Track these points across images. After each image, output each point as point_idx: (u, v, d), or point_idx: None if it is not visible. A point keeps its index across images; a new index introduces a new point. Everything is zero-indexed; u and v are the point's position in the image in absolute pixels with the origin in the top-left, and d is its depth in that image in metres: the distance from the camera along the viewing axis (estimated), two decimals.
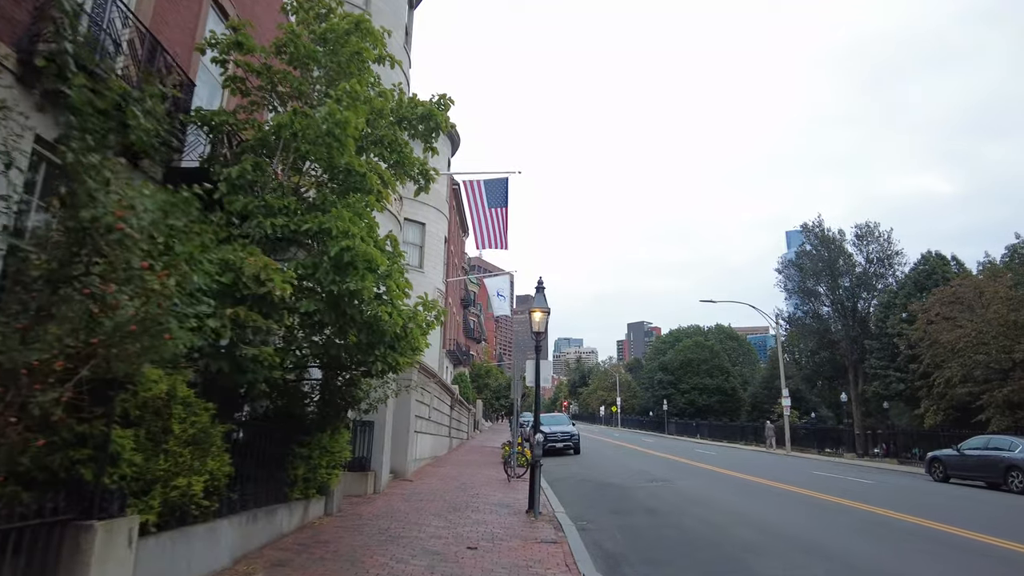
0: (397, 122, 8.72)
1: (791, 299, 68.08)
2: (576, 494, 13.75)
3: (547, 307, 11.05)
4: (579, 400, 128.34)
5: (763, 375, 73.33)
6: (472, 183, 20.65)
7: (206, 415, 5.55)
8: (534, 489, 10.17)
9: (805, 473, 20.49)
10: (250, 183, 7.05)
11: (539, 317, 11.04)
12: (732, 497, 13.58)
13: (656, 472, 19.01)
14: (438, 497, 11.67)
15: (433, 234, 31.13)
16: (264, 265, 5.43)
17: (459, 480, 14.90)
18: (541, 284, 11.35)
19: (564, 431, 26.95)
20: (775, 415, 52.58)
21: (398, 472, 14.27)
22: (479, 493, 12.59)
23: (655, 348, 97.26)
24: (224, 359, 5.80)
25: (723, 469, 20.62)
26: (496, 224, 20.63)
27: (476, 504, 11.02)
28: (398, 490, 12.40)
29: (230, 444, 6.41)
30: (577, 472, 19.00)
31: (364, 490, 11.33)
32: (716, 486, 15.72)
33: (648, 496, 13.44)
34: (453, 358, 41.43)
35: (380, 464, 11.88)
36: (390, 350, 7.03)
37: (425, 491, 12.49)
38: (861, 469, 24.22)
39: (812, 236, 64.62)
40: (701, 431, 55.47)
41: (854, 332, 59.95)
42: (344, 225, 6.57)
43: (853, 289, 61.38)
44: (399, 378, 15.00)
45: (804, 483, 16.69)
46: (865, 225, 62.04)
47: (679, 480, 16.63)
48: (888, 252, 60.61)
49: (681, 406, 68.49)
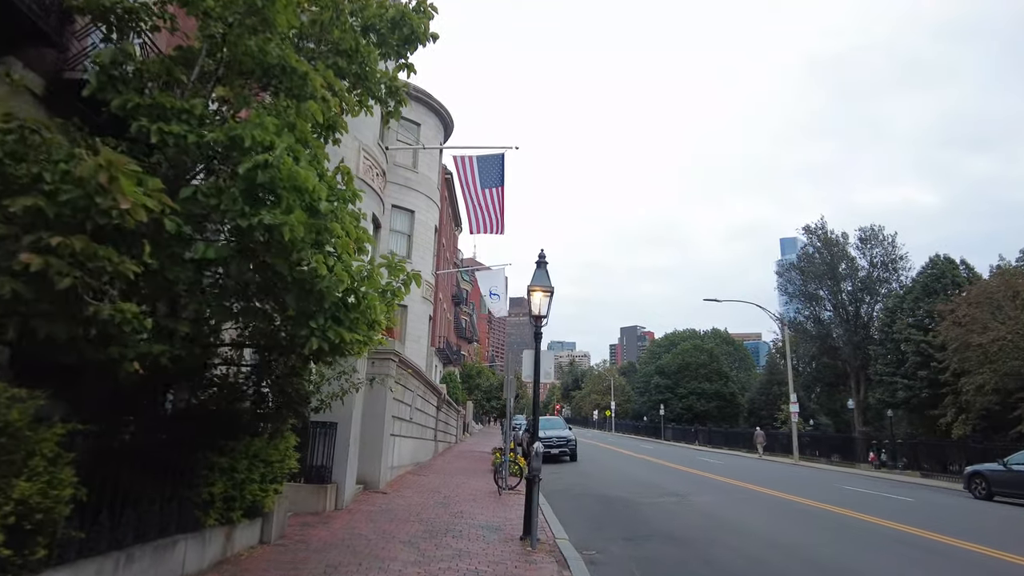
0: (362, 30, 6.65)
1: (791, 303, 66.38)
2: (578, 512, 11.68)
3: (549, 285, 8.98)
4: (572, 404, 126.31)
5: (761, 381, 71.53)
6: (464, 160, 18.59)
7: (16, 410, 3.47)
8: (531, 510, 8.10)
9: (831, 487, 18.47)
10: (138, 74, 4.96)
11: (539, 298, 8.97)
12: (764, 519, 11.52)
13: (665, 484, 16.96)
14: (413, 516, 9.56)
15: (422, 223, 29.04)
16: (107, 163, 3.34)
17: (442, 493, 12.80)
18: (543, 258, 9.29)
19: (560, 436, 24.88)
20: (778, 422, 50.68)
21: (369, 483, 12.16)
22: (464, 511, 10.50)
23: (650, 352, 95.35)
24: (58, 320, 3.70)
25: (737, 480, 18.59)
26: (491, 205, 18.57)
27: (459, 527, 8.93)
28: (366, 506, 10.29)
29: (90, 455, 4.34)
30: (576, 483, 16.93)
31: (321, 507, 9.22)
32: (739, 503, 13.67)
33: (663, 515, 11.38)
34: (443, 356, 39.27)
35: (344, 474, 9.77)
36: (332, 322, 4.95)
37: (399, 508, 10.39)
38: (889, 483, 22.09)
39: (814, 238, 62.95)
40: (700, 437, 53.46)
41: (857, 337, 58.28)
42: (264, 136, 4.49)
43: (856, 293, 59.76)
44: (374, 370, 12.94)
45: (837, 500, 14.65)
46: (869, 228, 60.40)
47: (693, 495, 14.57)
48: (892, 256, 59.01)
49: (678, 411, 66.47)
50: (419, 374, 16.06)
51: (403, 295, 6.09)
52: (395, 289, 5.98)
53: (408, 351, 27.06)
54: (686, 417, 65.33)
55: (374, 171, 17.32)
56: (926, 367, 42.72)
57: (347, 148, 16.21)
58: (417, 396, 17.20)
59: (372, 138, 17.45)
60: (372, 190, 17.14)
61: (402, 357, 13.71)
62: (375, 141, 17.67)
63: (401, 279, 6.02)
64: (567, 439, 24.81)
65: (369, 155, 17.02)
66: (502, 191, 18.43)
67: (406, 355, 14.54)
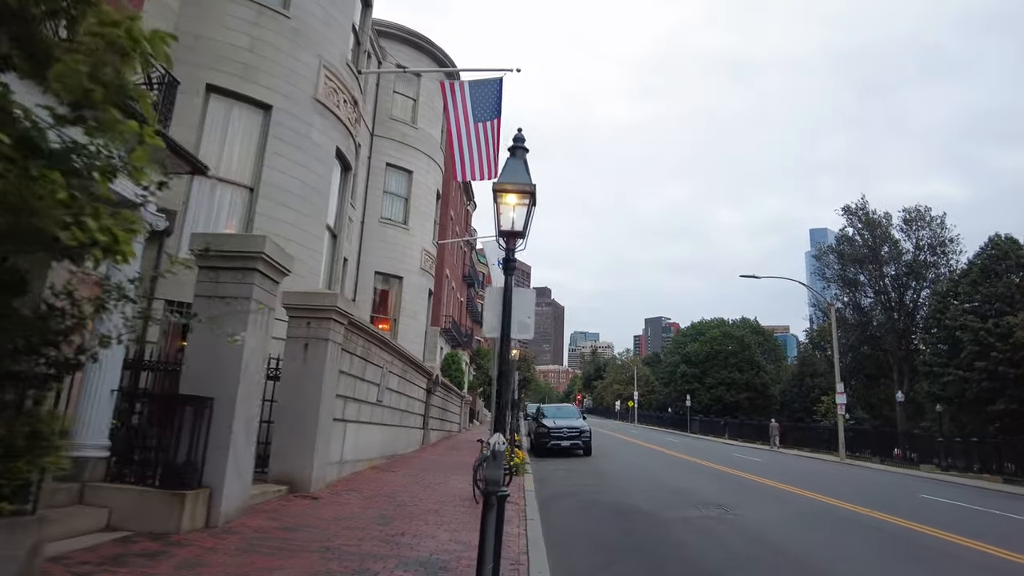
0: None
1: (828, 289, 61.79)
2: (581, 532, 8.31)
3: (527, 184, 5.55)
4: (594, 394, 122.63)
5: (792, 372, 67.20)
6: (453, 85, 15.14)
7: None
8: (486, 548, 4.67)
9: (911, 496, 14.76)
10: None
11: (512, 204, 5.55)
12: (864, 558, 7.94)
13: (699, 489, 13.46)
14: (317, 545, 6.26)
15: (422, 184, 25.77)
16: None
17: (398, 498, 9.49)
18: (519, 142, 5.85)
19: (572, 426, 21.48)
20: (817, 415, 46.62)
21: (296, 483, 8.91)
22: (409, 531, 7.18)
23: (675, 341, 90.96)
24: None
25: (788, 485, 14.98)
26: (485, 144, 15.09)
27: (387, 563, 5.60)
28: (262, 520, 7.02)
29: None
30: (585, 486, 13.54)
31: (174, 524, 5.94)
32: (809, 524, 10.07)
33: (702, 543, 7.93)
34: (450, 339, 36.06)
35: (222, 474, 6.49)
36: None
37: (313, 524, 7.09)
38: (977, 492, 17.91)
39: (855, 219, 58.26)
40: (730, 430, 49.56)
41: (901, 325, 53.84)
42: None
43: (900, 278, 55.16)
44: (309, 332, 9.67)
45: (933, 518, 10.96)
46: (915, 209, 55.52)
47: (739, 506, 11.04)
48: (941, 238, 54.17)
49: (706, 402, 62.47)
50: (386, 344, 12.75)
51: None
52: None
53: (401, 327, 23.81)
54: (714, 408, 61.36)
55: (339, 96, 14.00)
56: (985, 357, 38.38)
57: (301, 63, 12.92)
58: (390, 374, 13.92)
59: (339, 56, 14.13)
60: (337, 119, 13.83)
61: (354, 318, 10.41)
62: (343, 61, 14.35)
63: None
64: (580, 430, 21.40)
65: (333, 76, 13.71)
66: (498, 125, 14.95)
67: (358, 317, 11.24)
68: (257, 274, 6.97)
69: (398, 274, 24.03)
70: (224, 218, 11.56)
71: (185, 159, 7.32)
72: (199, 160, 7.57)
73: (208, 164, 11.54)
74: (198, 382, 6.66)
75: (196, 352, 6.82)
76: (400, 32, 25.76)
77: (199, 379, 6.67)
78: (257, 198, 11.72)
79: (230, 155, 11.79)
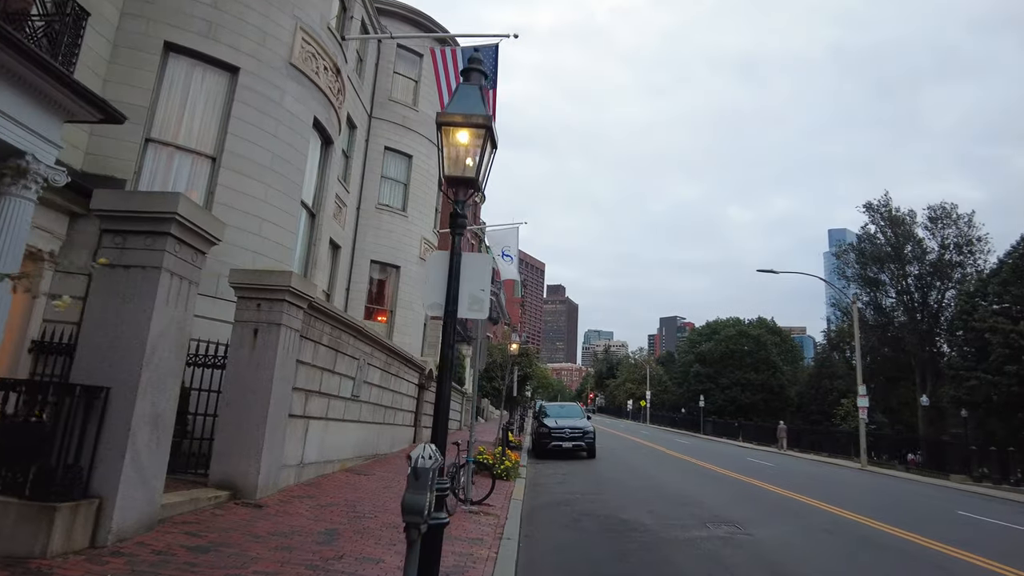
0: None
1: (848, 288, 59.76)
2: (563, 555, 7.03)
3: (484, 114, 4.24)
4: (606, 392, 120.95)
5: (810, 374, 65.20)
6: (444, 52, 13.87)
7: None
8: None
9: (951, 515, 13.27)
10: None
11: (465, 140, 4.25)
12: None
13: (708, 501, 12.09)
14: (230, 569, 5.03)
15: (423, 170, 24.49)
16: None
17: (359, 508, 8.26)
18: (476, 64, 4.55)
19: (575, 427, 20.19)
20: (836, 418, 44.82)
21: (241, 488, 7.71)
22: (352, 551, 5.94)
23: (690, 340, 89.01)
24: None
25: (809, 498, 13.53)
26: None
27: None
28: (174, 537, 5.81)
29: None
30: (581, 493, 12.25)
31: (42, 546, 4.73)
32: (835, 548, 8.69)
33: (708, 573, 6.60)
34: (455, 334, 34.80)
35: (118, 480, 5.29)
36: None
37: (235, 543, 5.87)
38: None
39: (877, 216, 56.18)
40: (745, 432, 47.89)
41: (924, 326, 51.81)
42: None
43: (924, 278, 53.11)
44: (260, 315, 8.46)
45: (995, 549, 9.47)
46: (940, 207, 53.32)
47: (754, 524, 9.67)
48: (968, 237, 51.98)
49: (720, 403, 60.72)
50: (362, 334, 11.52)
51: None
52: None
53: (398, 320, 22.58)
54: (728, 410, 59.63)
55: (318, 62, 12.78)
56: (1016, 360, 36.54)
57: (274, 23, 11.73)
58: (370, 367, 12.71)
59: (319, 19, 12.93)
60: (315, 86, 12.62)
61: (315, 301, 9.18)
62: (324, 24, 13.14)
63: None
64: (584, 430, 20.08)
65: (311, 39, 12.50)
66: (493, 96, 13.66)
67: (321, 300, 10.02)
68: (170, 239, 5.75)
69: (395, 263, 22.82)
70: (183, 190, 10.38)
71: (94, 105, 6.12)
72: (113, 107, 6.37)
73: (166, 132, 10.50)
74: (93, 368, 5.47)
75: (92, 332, 5.62)
76: (402, 11, 24.51)
77: (94, 365, 5.49)
78: (219, 168, 10.55)
79: (191, 121, 10.64)
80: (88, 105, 6.15)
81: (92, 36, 9.38)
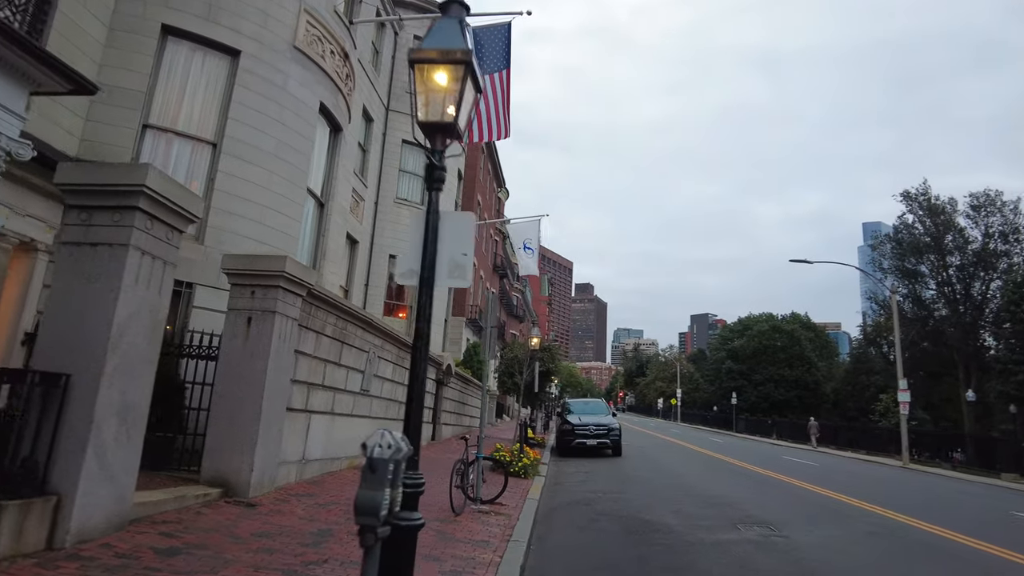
0: None
1: (885, 280, 57.64)
2: (577, 559, 6.38)
3: (464, 47, 3.65)
4: (636, 391, 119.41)
5: (846, 370, 63.04)
6: None
7: None
8: None
9: (1007, 515, 12.20)
10: None
11: (444, 81, 3.66)
12: None
13: (740, 500, 11.28)
14: (199, 574, 4.53)
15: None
16: None
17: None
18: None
19: (599, 424, 19.45)
20: (875, 415, 43.07)
21: (233, 485, 7.26)
22: (339, 555, 5.41)
23: (721, 337, 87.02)
24: None
25: (850, 498, 12.59)
26: (494, 99, 13.18)
27: None
28: (146, 538, 5.34)
29: None
30: (603, 492, 11.56)
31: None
32: (882, 554, 7.82)
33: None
34: (476, 328, 34.37)
35: (79, 476, 4.83)
36: None
37: (213, 545, 5.38)
38: None
39: (915, 205, 53.96)
40: (779, 430, 46.44)
41: (967, 319, 49.57)
42: None
43: (966, 268, 50.81)
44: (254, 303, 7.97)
45: None
46: (983, 194, 50.86)
47: (790, 525, 8.88)
48: (1015, 225, 49.54)
49: (753, 400, 59.08)
50: (372, 326, 11.01)
51: None
52: None
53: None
54: (762, 407, 57.99)
55: (325, 46, 12.34)
56: None
57: (277, 4, 11.30)
58: (382, 361, 12.22)
59: (324, 1, 12.48)
60: (321, 71, 12.17)
61: (315, 289, 8.69)
62: (330, 7, 12.69)
63: None
64: (609, 427, 19.34)
65: (317, 22, 12.07)
66: (507, 76, 13.04)
67: (322, 288, 9.53)
68: (139, 214, 5.29)
69: None
70: (182, 177, 10.00)
71: (61, 74, 5.68)
72: (83, 76, 5.93)
73: (165, 117, 10.14)
74: (54, 354, 5.03)
75: (55, 315, 5.18)
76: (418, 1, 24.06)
77: (55, 350, 5.05)
78: (220, 154, 10.15)
79: (190, 106, 10.25)
80: (55, 74, 5.71)
81: (88, 19, 9.08)
